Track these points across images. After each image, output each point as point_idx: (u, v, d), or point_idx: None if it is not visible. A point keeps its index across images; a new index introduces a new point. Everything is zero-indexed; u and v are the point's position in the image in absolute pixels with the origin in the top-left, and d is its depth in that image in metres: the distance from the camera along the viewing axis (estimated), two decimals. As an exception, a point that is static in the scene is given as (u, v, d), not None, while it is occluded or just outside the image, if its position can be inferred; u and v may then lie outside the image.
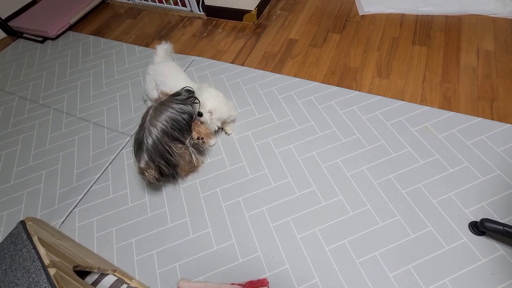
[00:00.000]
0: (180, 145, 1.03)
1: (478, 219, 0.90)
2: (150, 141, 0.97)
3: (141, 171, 1.01)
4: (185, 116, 1.01)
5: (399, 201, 0.99)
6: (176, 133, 1.00)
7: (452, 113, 1.17)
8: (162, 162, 1.00)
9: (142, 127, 1.01)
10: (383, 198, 1.00)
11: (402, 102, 1.24)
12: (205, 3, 1.81)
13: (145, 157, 0.99)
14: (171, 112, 0.99)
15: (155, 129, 0.98)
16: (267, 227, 0.99)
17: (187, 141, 1.04)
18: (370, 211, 0.98)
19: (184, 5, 1.90)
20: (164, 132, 0.98)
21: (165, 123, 0.98)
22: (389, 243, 0.92)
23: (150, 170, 1.00)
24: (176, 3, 1.94)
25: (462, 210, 0.95)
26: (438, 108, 1.20)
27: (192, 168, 1.13)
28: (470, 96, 1.22)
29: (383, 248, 0.91)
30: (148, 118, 1.00)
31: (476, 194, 0.97)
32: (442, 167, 1.04)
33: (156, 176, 1.01)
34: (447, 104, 1.21)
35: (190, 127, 1.04)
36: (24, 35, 2.01)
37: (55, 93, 1.60)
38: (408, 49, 1.44)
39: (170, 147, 0.99)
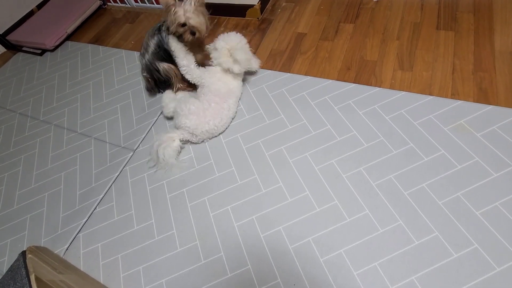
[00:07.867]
0: (168, 65, 1.27)
1: (534, 234, 0.77)
2: (143, 61, 1.29)
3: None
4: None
5: (436, 214, 0.86)
6: (163, 55, 1.26)
7: (491, 106, 1.03)
8: (154, 77, 1.31)
9: (143, 47, 1.29)
10: (416, 211, 0.88)
11: (430, 97, 1.10)
12: (205, 1, 1.69)
13: (144, 71, 1.31)
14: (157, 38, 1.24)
15: (148, 52, 1.26)
16: (286, 249, 0.89)
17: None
18: (402, 227, 0.86)
19: (183, 4, 1.79)
20: (154, 54, 1.26)
21: (155, 46, 1.25)
22: (427, 265, 0.79)
23: (149, 80, 1.32)
24: (174, 3, 1.82)
25: (513, 223, 0.81)
26: (473, 101, 1.05)
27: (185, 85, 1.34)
28: (510, 85, 1.06)
29: (420, 272, 0.79)
30: (145, 40, 1.27)
31: (528, 202, 0.83)
32: (484, 171, 0.90)
33: (153, 85, 1.35)
34: (484, 96, 1.06)
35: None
36: (23, 48, 1.96)
37: (56, 108, 1.54)
38: (432, 36, 1.28)
39: (158, 67, 1.27)
